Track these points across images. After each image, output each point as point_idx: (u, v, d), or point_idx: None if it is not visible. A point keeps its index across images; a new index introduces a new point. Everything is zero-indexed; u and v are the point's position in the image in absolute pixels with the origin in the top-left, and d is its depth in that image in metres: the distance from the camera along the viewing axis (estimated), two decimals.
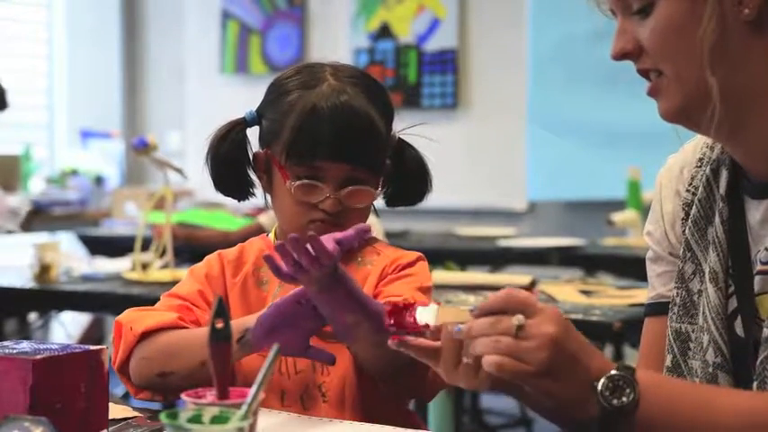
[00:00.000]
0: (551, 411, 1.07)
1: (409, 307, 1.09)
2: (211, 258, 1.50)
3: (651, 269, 1.32)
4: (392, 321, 1.09)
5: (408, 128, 1.52)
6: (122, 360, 1.39)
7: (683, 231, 1.25)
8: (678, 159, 1.30)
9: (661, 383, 1.06)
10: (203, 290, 1.45)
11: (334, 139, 1.38)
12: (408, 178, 1.50)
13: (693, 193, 1.24)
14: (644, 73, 1.16)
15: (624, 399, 1.01)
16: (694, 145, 1.28)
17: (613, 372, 1.02)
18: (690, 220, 1.24)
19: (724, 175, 1.21)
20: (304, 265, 1.17)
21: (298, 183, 1.41)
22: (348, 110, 1.39)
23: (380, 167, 1.45)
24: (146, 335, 1.38)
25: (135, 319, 1.40)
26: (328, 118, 1.38)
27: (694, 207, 1.23)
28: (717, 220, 1.20)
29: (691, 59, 1.10)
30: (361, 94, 1.41)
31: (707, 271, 1.19)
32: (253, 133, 1.50)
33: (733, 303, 1.18)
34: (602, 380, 1.02)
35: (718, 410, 1.04)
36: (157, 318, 1.39)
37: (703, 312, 1.19)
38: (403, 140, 1.50)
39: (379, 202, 1.53)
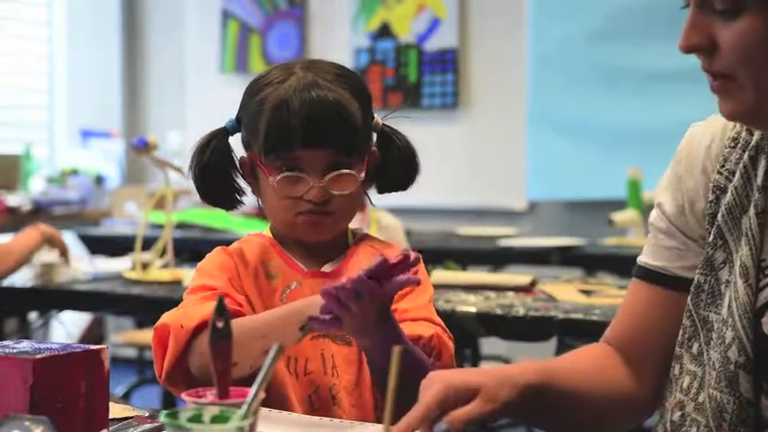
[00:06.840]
0: None
1: None
2: (217, 254, 1.47)
3: (657, 237, 1.29)
4: None
5: (390, 113, 1.53)
6: (171, 363, 1.34)
7: (713, 215, 1.21)
8: (705, 132, 1.25)
9: None
10: (231, 277, 1.42)
11: (306, 125, 1.39)
12: (396, 163, 1.50)
13: (728, 178, 1.20)
14: (710, 72, 1.12)
15: None
16: (724, 121, 1.21)
17: None
18: (724, 208, 1.19)
19: (763, 163, 1.17)
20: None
21: (280, 176, 1.41)
22: (316, 96, 1.40)
23: (361, 151, 1.45)
24: (199, 329, 1.32)
25: (180, 316, 1.35)
26: (298, 106, 1.39)
27: (729, 194, 1.19)
28: (751, 211, 1.16)
29: None
30: (331, 81, 1.42)
31: (737, 264, 1.16)
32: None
33: (762, 299, 1.14)
34: None
35: None
36: (206, 310, 1.33)
37: (729, 306, 1.15)
38: (388, 127, 1.51)
39: (392, 201, 1.54)
